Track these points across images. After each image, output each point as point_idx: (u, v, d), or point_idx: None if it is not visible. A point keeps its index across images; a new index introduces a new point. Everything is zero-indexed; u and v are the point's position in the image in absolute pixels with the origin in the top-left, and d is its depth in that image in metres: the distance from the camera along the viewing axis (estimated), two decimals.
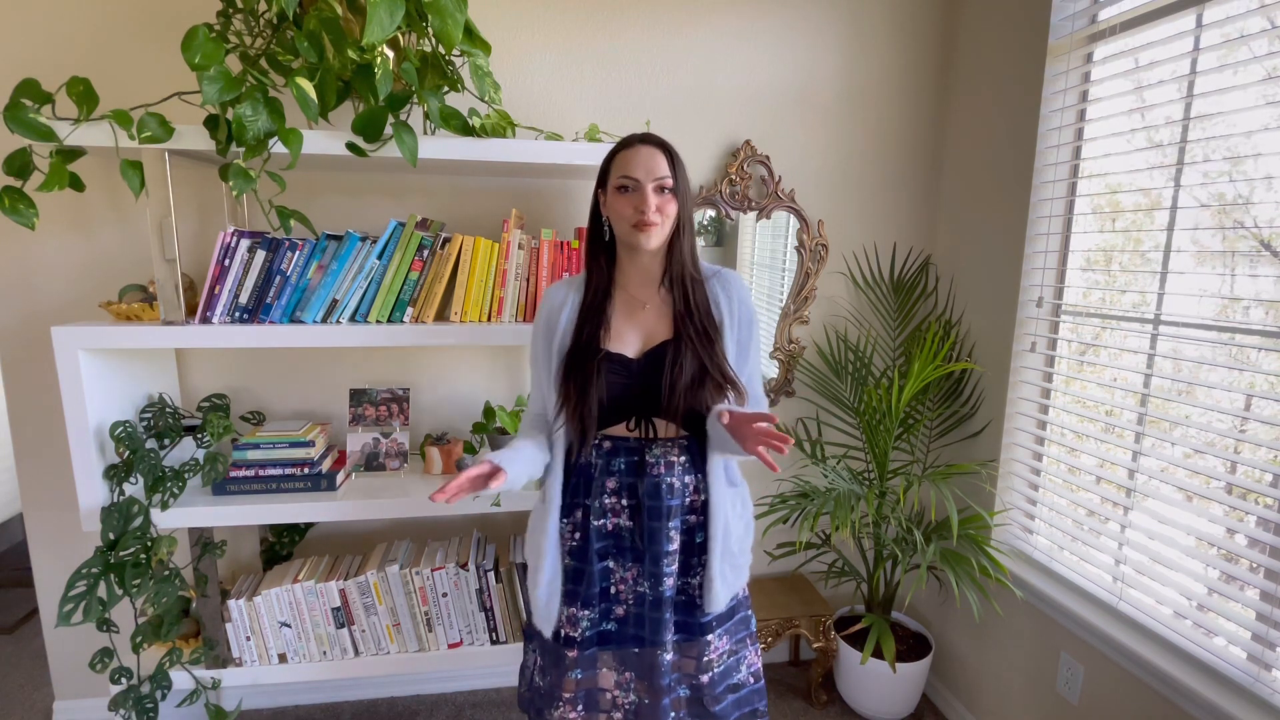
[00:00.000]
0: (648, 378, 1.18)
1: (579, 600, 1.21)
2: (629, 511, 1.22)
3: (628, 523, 1.22)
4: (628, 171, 1.14)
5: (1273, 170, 1.28)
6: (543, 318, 1.25)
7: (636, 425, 1.22)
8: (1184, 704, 1.36)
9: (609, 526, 1.22)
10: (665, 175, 1.14)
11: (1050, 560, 1.75)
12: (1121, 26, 1.55)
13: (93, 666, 1.51)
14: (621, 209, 1.15)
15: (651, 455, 1.20)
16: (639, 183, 1.14)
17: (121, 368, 1.57)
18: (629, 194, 1.15)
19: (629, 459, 1.21)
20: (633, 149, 1.16)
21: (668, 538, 1.19)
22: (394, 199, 1.85)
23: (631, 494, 1.21)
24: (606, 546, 1.23)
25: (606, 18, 1.87)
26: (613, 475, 1.22)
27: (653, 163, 1.14)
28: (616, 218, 1.17)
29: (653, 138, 1.17)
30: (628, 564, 1.23)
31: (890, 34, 2.03)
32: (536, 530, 1.25)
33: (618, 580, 1.24)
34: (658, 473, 1.19)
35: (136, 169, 1.39)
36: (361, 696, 2.08)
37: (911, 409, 2.02)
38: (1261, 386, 1.37)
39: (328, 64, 1.34)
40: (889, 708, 2.00)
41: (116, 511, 1.45)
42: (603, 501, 1.22)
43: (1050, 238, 1.75)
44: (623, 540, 1.22)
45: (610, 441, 1.22)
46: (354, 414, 1.78)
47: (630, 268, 1.23)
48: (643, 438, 1.22)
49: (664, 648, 1.21)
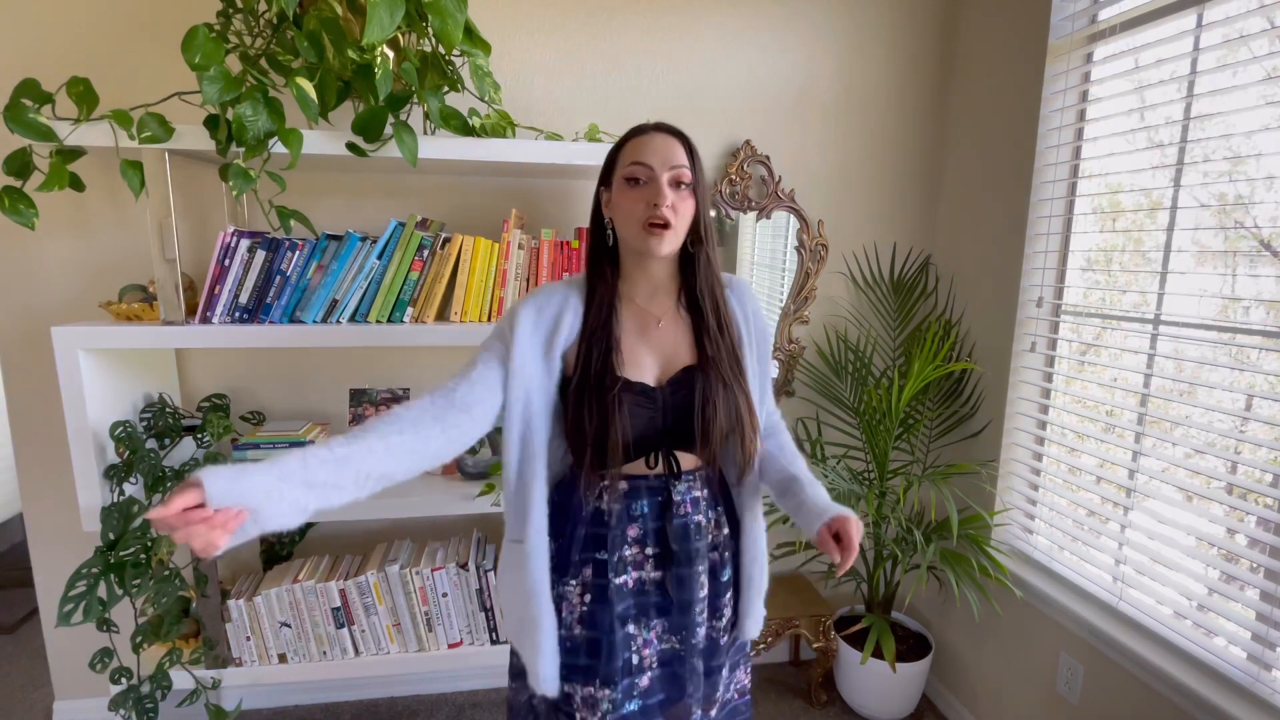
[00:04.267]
0: (674, 409, 1.02)
1: (597, 677, 1.01)
2: (654, 561, 1.05)
3: (654, 573, 1.05)
4: (639, 157, 0.98)
5: (1273, 170, 1.28)
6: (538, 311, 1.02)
7: (657, 460, 1.04)
8: (1184, 704, 1.36)
9: (631, 583, 1.04)
10: (683, 166, 0.99)
11: (1050, 560, 1.75)
12: (1121, 26, 1.55)
13: (93, 666, 1.51)
14: (630, 205, 0.98)
15: (677, 493, 1.04)
16: (652, 172, 0.98)
17: (122, 368, 1.57)
18: (639, 188, 0.98)
19: (652, 499, 1.04)
20: (646, 135, 1.01)
21: (699, 583, 1.05)
22: (394, 199, 1.85)
23: (656, 540, 1.05)
24: (628, 608, 1.04)
25: (607, 18, 1.87)
26: (635, 521, 1.04)
27: (669, 151, 0.99)
28: (624, 217, 1.00)
29: (668, 126, 1.02)
30: (651, 623, 1.06)
31: (890, 34, 2.03)
32: (517, 594, 1.01)
33: (640, 645, 1.05)
34: (685, 512, 1.04)
35: (136, 169, 1.39)
36: (361, 696, 2.08)
37: (911, 409, 2.02)
38: (1262, 387, 1.37)
39: (328, 64, 1.34)
40: (889, 708, 2.00)
41: (116, 511, 1.45)
42: (623, 554, 1.03)
43: (1050, 238, 1.75)
44: (647, 597, 1.05)
45: (628, 482, 1.04)
46: (354, 414, 1.78)
47: (639, 277, 1.06)
48: (666, 474, 1.05)
49: (696, 703, 1.07)
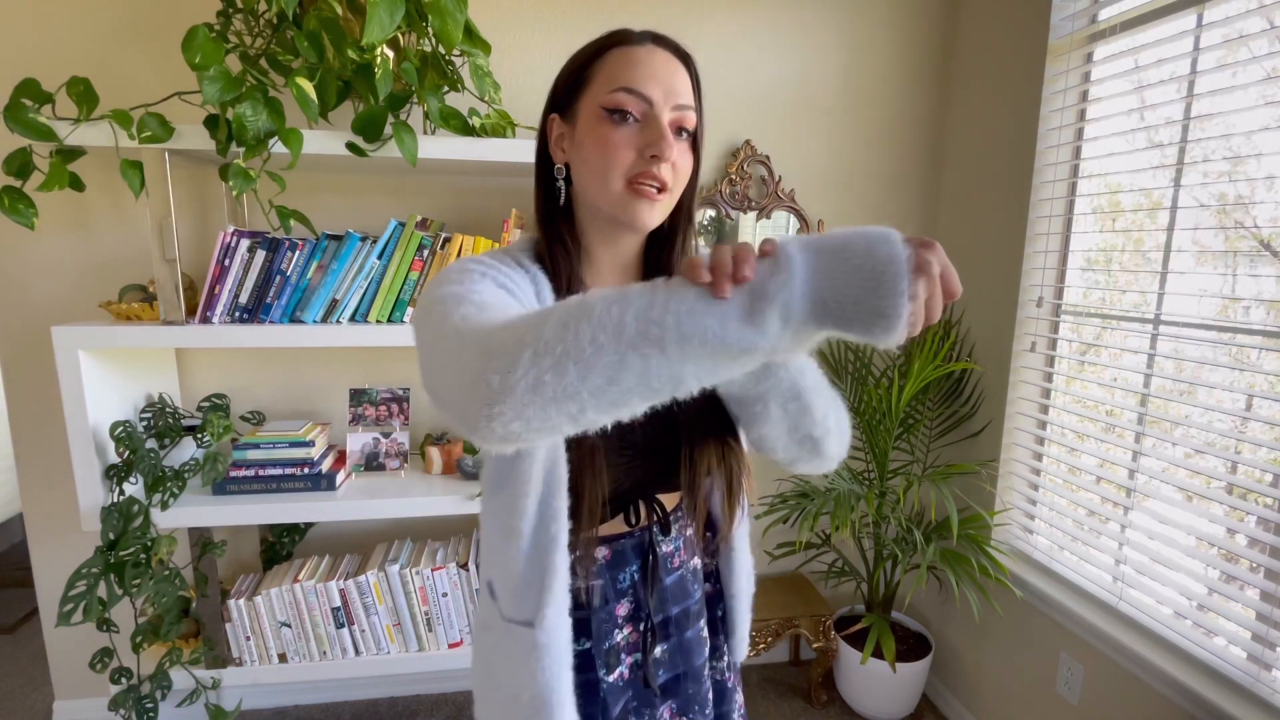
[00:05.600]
0: (656, 444, 0.76)
1: None
2: (651, 636, 0.80)
3: (653, 650, 0.80)
4: (632, 83, 0.66)
5: (1273, 170, 1.28)
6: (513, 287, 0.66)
7: (638, 514, 0.78)
8: (1184, 704, 1.36)
9: (627, 674, 0.80)
10: (690, 107, 0.69)
11: (1050, 560, 1.75)
12: (1122, 26, 1.55)
13: (93, 666, 1.51)
14: (612, 149, 0.66)
15: (669, 544, 0.80)
16: (649, 108, 0.66)
17: (121, 368, 1.57)
18: (627, 126, 0.66)
19: (638, 562, 0.79)
20: (641, 48, 0.68)
21: (703, 639, 0.84)
22: (394, 199, 1.85)
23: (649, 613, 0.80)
24: (627, 705, 0.80)
25: (607, 18, 1.87)
26: (624, 597, 0.78)
27: (674, 80, 0.68)
28: (598, 164, 0.67)
29: (669, 40, 0.70)
30: (658, 714, 0.82)
31: (890, 34, 2.03)
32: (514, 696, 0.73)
33: None
34: (679, 563, 0.81)
35: (136, 169, 1.39)
36: (361, 696, 2.08)
37: (911, 409, 2.02)
38: (1262, 386, 1.37)
39: (328, 64, 1.34)
40: (889, 708, 2.00)
41: (116, 511, 1.45)
42: (614, 641, 0.78)
43: (1050, 238, 1.75)
44: (647, 684, 0.81)
45: (607, 548, 0.77)
46: (354, 414, 1.78)
47: (604, 255, 0.75)
48: (649, 525, 0.79)
49: None
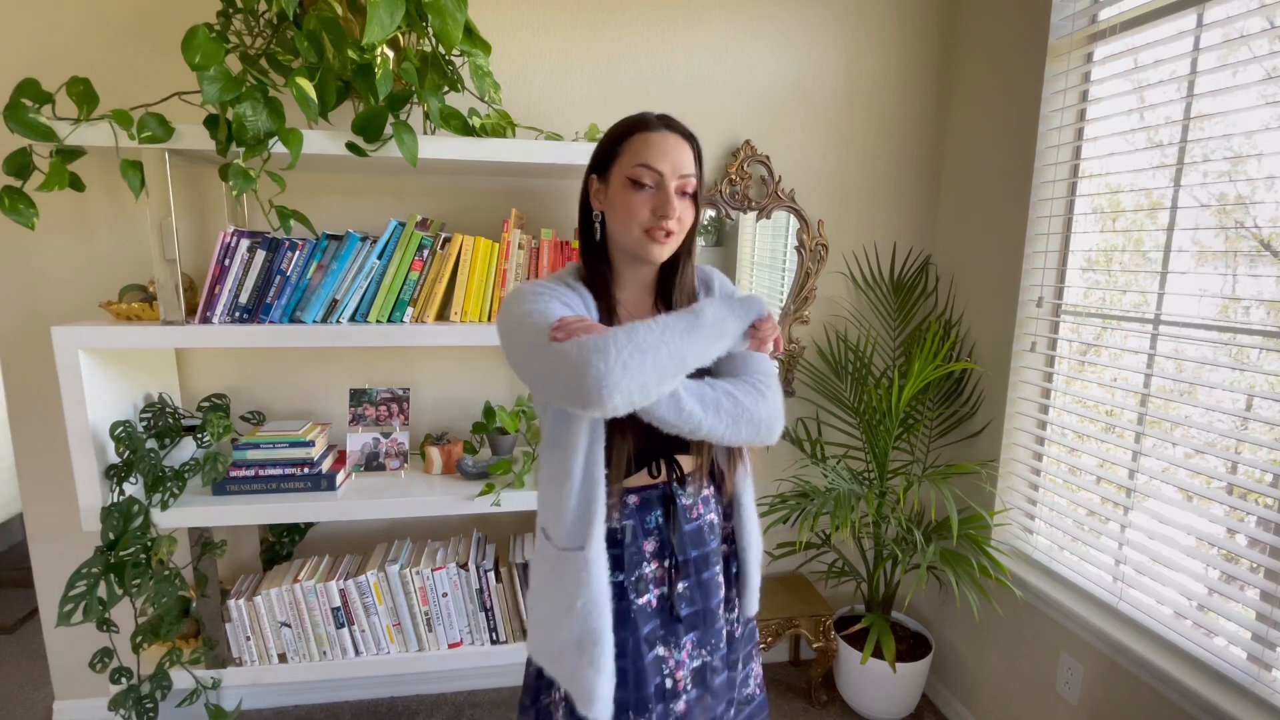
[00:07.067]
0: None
1: (630, 709, 0.97)
2: (675, 573, 1.03)
3: (678, 585, 1.03)
4: (649, 161, 0.93)
5: (1273, 170, 1.28)
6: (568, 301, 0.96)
7: (659, 469, 1.03)
8: (1184, 704, 1.36)
9: (655, 603, 1.01)
10: (692, 175, 0.96)
11: (1050, 560, 1.75)
12: (1122, 26, 1.55)
13: (93, 666, 1.51)
14: (633, 208, 0.94)
15: (686, 497, 1.04)
16: (662, 179, 0.94)
17: (122, 368, 1.57)
18: (644, 192, 0.94)
19: (661, 510, 1.03)
20: (655, 133, 0.95)
21: (718, 583, 1.05)
22: (394, 199, 1.85)
23: (672, 551, 1.03)
24: (654, 629, 1.01)
25: (607, 17, 1.87)
26: (650, 536, 1.02)
27: (680, 156, 0.95)
28: (623, 218, 0.96)
29: (677, 124, 0.97)
30: (680, 641, 1.03)
31: (890, 34, 2.03)
32: (571, 610, 0.94)
33: (674, 668, 1.02)
34: (697, 514, 1.04)
35: (136, 169, 1.39)
36: (361, 696, 2.08)
37: (911, 409, 2.02)
38: (1262, 386, 1.37)
39: (328, 64, 1.34)
40: (889, 708, 2.00)
41: (116, 511, 1.45)
42: (643, 572, 1.01)
43: (1050, 238, 1.75)
44: (672, 614, 1.02)
45: (635, 495, 1.02)
46: (354, 414, 1.78)
47: (629, 278, 1.04)
48: (669, 480, 1.03)
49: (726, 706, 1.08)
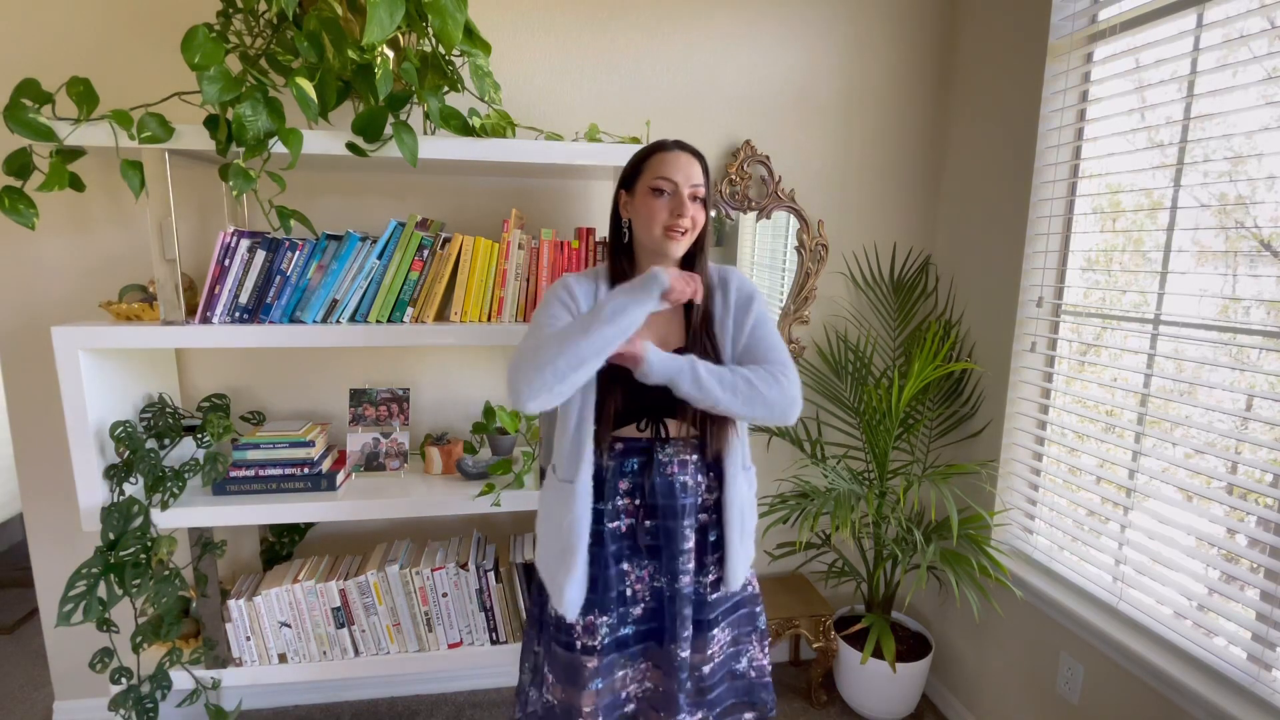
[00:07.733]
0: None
1: (596, 607, 1.21)
2: (643, 511, 1.23)
3: (645, 522, 1.23)
4: (666, 174, 1.16)
5: (1273, 170, 1.28)
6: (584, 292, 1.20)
7: (646, 426, 1.23)
8: (1184, 704, 1.36)
9: (623, 528, 1.23)
10: (700, 184, 1.17)
11: (1050, 560, 1.75)
12: (1122, 26, 1.55)
13: (93, 666, 1.51)
14: (654, 212, 1.16)
15: (664, 454, 1.22)
16: (677, 187, 1.15)
17: (121, 368, 1.57)
18: (663, 198, 1.16)
19: (640, 459, 1.23)
20: (671, 153, 1.17)
21: (684, 536, 1.21)
22: (394, 199, 1.85)
23: (645, 494, 1.23)
24: (621, 548, 1.24)
25: (607, 17, 1.87)
26: (625, 476, 1.23)
27: (690, 169, 1.16)
28: (646, 220, 1.18)
29: (689, 146, 1.20)
30: (643, 563, 1.25)
31: (890, 34, 2.03)
32: (560, 527, 1.21)
33: (634, 580, 1.25)
34: (671, 472, 1.21)
35: (136, 169, 1.39)
36: (361, 696, 2.08)
37: (911, 409, 2.02)
38: (1262, 387, 1.37)
39: (328, 64, 1.34)
40: (889, 708, 2.00)
41: (116, 511, 1.45)
42: (616, 503, 1.23)
43: (1050, 238, 1.75)
44: (637, 540, 1.24)
45: (622, 443, 1.23)
46: (354, 414, 1.78)
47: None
48: (653, 438, 1.23)
49: (682, 645, 1.22)
